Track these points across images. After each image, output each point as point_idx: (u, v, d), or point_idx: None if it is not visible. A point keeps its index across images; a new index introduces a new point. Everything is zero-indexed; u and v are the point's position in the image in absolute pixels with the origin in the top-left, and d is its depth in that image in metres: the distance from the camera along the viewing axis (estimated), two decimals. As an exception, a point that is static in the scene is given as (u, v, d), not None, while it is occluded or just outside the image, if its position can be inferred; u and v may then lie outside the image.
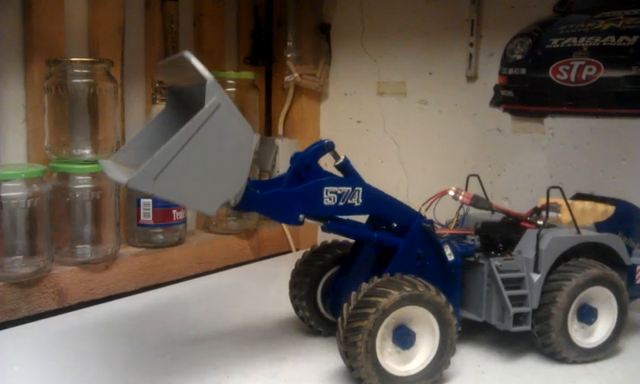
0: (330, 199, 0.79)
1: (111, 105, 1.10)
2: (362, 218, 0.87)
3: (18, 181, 0.96)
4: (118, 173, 0.71)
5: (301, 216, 0.78)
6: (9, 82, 1.08)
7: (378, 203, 0.83)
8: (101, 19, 1.16)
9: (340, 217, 0.83)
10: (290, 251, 1.46)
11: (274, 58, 1.50)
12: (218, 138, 0.65)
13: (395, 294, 0.73)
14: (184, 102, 0.76)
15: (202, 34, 1.36)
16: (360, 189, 0.80)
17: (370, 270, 0.84)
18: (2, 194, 0.95)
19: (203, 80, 0.64)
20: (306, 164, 0.81)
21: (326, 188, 0.78)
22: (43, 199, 0.99)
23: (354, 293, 0.75)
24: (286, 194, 0.77)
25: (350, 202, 0.80)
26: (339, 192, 0.79)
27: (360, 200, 0.80)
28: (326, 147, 0.82)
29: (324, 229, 0.81)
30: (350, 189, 0.80)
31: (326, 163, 0.83)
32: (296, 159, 0.81)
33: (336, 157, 0.83)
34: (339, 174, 0.83)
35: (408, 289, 0.74)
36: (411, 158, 1.36)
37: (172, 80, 0.79)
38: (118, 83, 1.12)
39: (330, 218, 0.81)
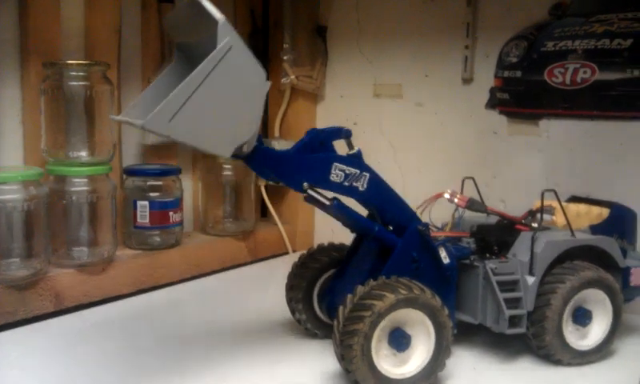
0: (337, 176, 0.79)
1: (108, 107, 1.10)
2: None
3: (14, 184, 0.96)
4: (131, 118, 0.70)
5: (305, 184, 0.78)
6: (5, 84, 1.08)
7: (381, 194, 0.83)
8: (97, 21, 1.16)
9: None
10: (286, 253, 1.46)
11: (270, 60, 1.50)
12: (231, 80, 0.65)
13: (391, 297, 0.74)
14: (192, 59, 0.75)
15: (199, 36, 1.36)
16: (367, 175, 0.81)
17: (366, 272, 0.84)
18: (-1, 197, 0.95)
19: (214, 22, 0.64)
20: (321, 140, 0.81)
21: (335, 163, 0.79)
22: (40, 202, 0.99)
23: (349, 296, 0.76)
24: (297, 158, 0.78)
25: (355, 184, 0.80)
26: (347, 171, 0.80)
27: (365, 186, 0.81)
28: (344, 133, 0.83)
29: (329, 208, 0.81)
30: (358, 171, 0.81)
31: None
32: (312, 133, 0.82)
33: (350, 146, 0.84)
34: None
35: (403, 292, 0.75)
36: (407, 159, 1.36)
37: (180, 35, 0.78)
38: (114, 85, 1.12)
39: (337, 199, 0.81)
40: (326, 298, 0.91)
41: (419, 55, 1.32)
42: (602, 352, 0.87)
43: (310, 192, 0.79)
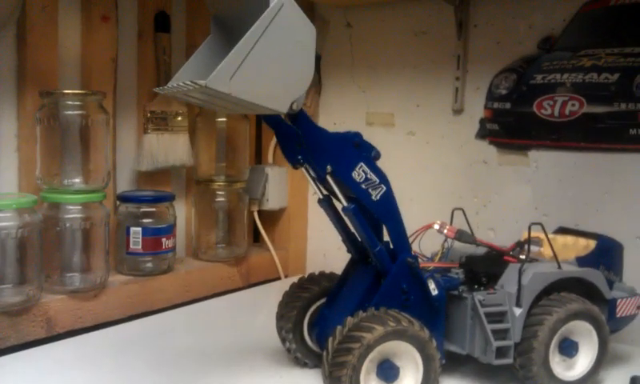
0: (359, 175, 0.82)
1: (103, 136, 1.11)
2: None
3: (9, 211, 0.97)
4: (187, 81, 0.72)
5: (329, 167, 0.80)
6: (2, 113, 1.09)
7: (389, 212, 0.86)
8: (94, 51, 1.17)
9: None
10: (279, 278, 1.47)
11: (264, 88, 1.52)
12: (284, 36, 0.68)
13: (379, 329, 0.75)
14: (230, 30, 0.77)
15: (194, 64, 1.38)
16: (384, 189, 0.84)
17: (356, 302, 0.85)
18: (-7, 224, 0.96)
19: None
20: (357, 141, 0.83)
21: (361, 163, 0.81)
22: (34, 229, 1.00)
23: (338, 327, 0.77)
24: (332, 140, 0.81)
25: (370, 191, 0.83)
26: (369, 176, 0.82)
27: (378, 197, 0.84)
28: (374, 154, 0.85)
29: (346, 209, 0.83)
30: (377, 181, 0.83)
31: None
32: (352, 133, 0.84)
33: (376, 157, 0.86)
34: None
35: (392, 324, 0.76)
36: (399, 187, 1.35)
37: (219, 6, 0.80)
38: (110, 114, 1.14)
39: (356, 201, 0.83)
40: (316, 328, 0.92)
41: (411, 86, 1.34)
42: (587, 382, 0.88)
43: (329, 179, 0.81)
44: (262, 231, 1.48)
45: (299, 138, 0.79)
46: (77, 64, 1.18)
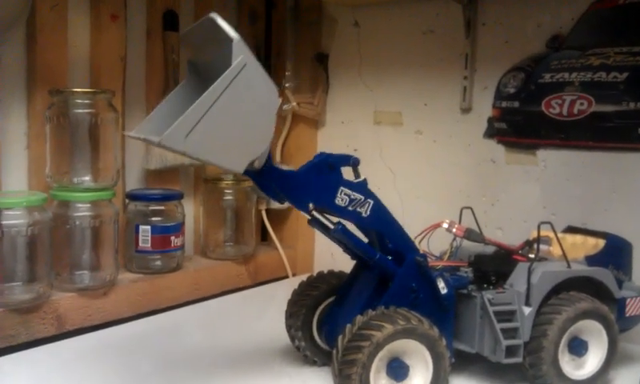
0: (342, 200, 0.81)
1: (112, 134, 1.12)
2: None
3: (19, 209, 0.98)
4: (147, 135, 0.72)
5: (311, 205, 0.80)
6: (12, 111, 1.10)
7: (383, 222, 0.85)
8: (103, 50, 1.18)
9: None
10: (286, 277, 1.47)
11: (272, 87, 1.52)
12: (245, 97, 0.67)
13: (389, 328, 0.75)
14: (204, 77, 0.78)
15: (202, 63, 1.39)
16: (371, 202, 0.83)
17: (365, 301, 0.86)
18: (3, 222, 0.96)
19: (229, 40, 0.66)
20: (330, 163, 0.82)
21: (341, 188, 0.81)
22: (44, 227, 1.01)
23: (348, 326, 0.77)
24: (305, 178, 0.80)
25: (358, 210, 0.82)
26: (352, 197, 0.81)
27: (368, 212, 0.83)
28: (353, 160, 0.84)
29: (333, 232, 0.82)
30: (362, 197, 0.82)
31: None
32: (321, 156, 0.83)
33: (357, 175, 0.85)
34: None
35: (402, 322, 0.76)
36: (407, 186, 1.38)
37: (193, 53, 0.80)
38: (119, 113, 1.14)
39: (342, 224, 0.82)
40: (325, 326, 0.92)
41: (419, 84, 1.34)
42: (597, 382, 0.88)
43: (315, 214, 0.81)
44: (270, 230, 1.49)
45: (274, 188, 0.79)
46: (86, 63, 1.18)
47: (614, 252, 0.96)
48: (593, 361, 0.88)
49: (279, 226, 1.52)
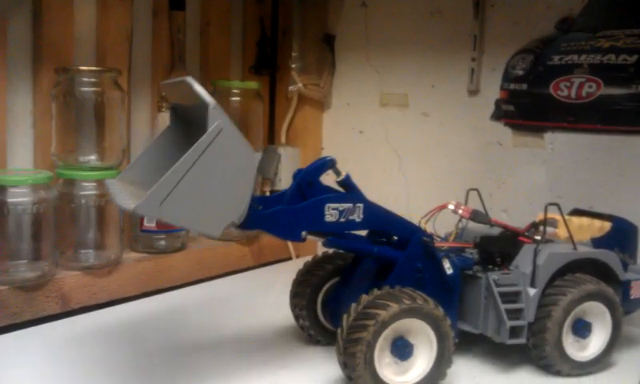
0: (332, 216, 0.80)
1: (118, 113, 1.12)
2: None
3: (24, 187, 0.98)
4: (123, 197, 0.72)
5: (303, 233, 0.79)
6: (18, 89, 1.10)
7: (379, 219, 0.84)
8: (109, 28, 1.17)
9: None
10: (290, 258, 1.47)
11: (278, 68, 1.51)
12: (221, 162, 0.66)
13: (394, 307, 0.75)
14: (187, 120, 0.78)
15: (209, 43, 1.38)
16: (361, 205, 0.82)
17: (370, 281, 0.85)
18: (9, 200, 0.96)
19: (205, 105, 0.66)
20: (308, 180, 0.82)
21: (327, 205, 0.80)
22: (49, 205, 1.01)
23: (353, 305, 0.77)
24: (288, 211, 0.79)
25: (351, 218, 0.81)
26: (341, 208, 0.80)
27: (361, 216, 0.82)
28: (328, 164, 0.84)
29: (325, 244, 0.83)
30: (351, 205, 0.81)
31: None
32: (298, 176, 0.83)
33: (338, 173, 0.85)
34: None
35: (407, 302, 0.76)
36: (412, 168, 1.37)
37: (174, 98, 0.80)
38: (125, 91, 1.14)
39: (331, 234, 0.82)
40: (329, 306, 0.92)
41: (426, 66, 1.34)
42: (601, 363, 0.88)
43: (309, 237, 0.80)
44: (275, 211, 1.48)
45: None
46: (92, 41, 1.18)
47: (620, 235, 0.96)
48: (596, 343, 0.88)
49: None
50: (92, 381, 0.81)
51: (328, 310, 0.92)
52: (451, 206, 0.94)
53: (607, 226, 0.96)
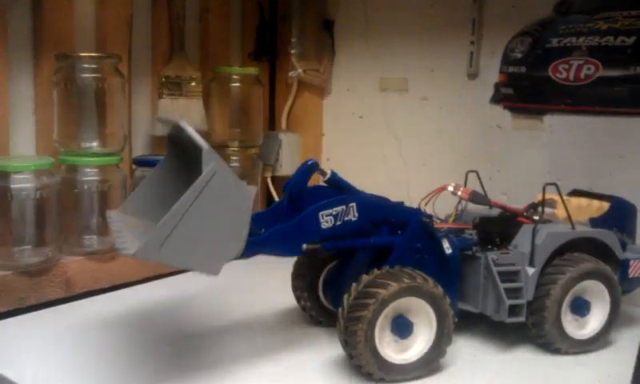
0: (328, 222, 0.80)
1: (119, 99, 1.12)
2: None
3: (27, 173, 0.98)
4: (124, 236, 0.74)
5: (304, 246, 0.80)
6: (19, 76, 1.10)
7: (374, 211, 0.84)
8: (109, 15, 1.18)
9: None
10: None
11: (278, 54, 1.52)
12: (216, 202, 0.67)
13: (394, 286, 0.76)
14: (182, 147, 0.79)
15: (208, 29, 1.38)
16: (354, 204, 0.82)
17: (371, 262, 0.86)
18: (12, 186, 0.97)
19: (199, 149, 0.67)
20: (298, 189, 0.84)
21: (321, 213, 0.80)
22: (52, 191, 1.02)
23: (354, 284, 0.78)
24: (284, 229, 0.79)
25: (346, 218, 0.82)
26: (334, 213, 0.81)
27: (356, 214, 0.82)
28: (312, 167, 0.85)
29: (322, 249, 0.83)
30: (344, 207, 0.81)
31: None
32: (287, 188, 0.84)
33: (323, 173, 0.85)
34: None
35: (407, 281, 0.77)
36: (412, 153, 1.38)
37: (170, 129, 0.82)
38: (125, 78, 1.14)
39: (332, 239, 0.82)
40: (331, 287, 0.93)
41: (425, 50, 1.34)
42: (599, 342, 0.89)
43: (309, 248, 0.81)
44: (276, 196, 1.49)
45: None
46: (92, 28, 1.18)
47: (619, 215, 0.97)
48: (595, 321, 0.89)
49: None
50: (96, 365, 0.82)
51: (329, 291, 0.93)
52: (450, 188, 0.95)
53: (606, 206, 0.97)
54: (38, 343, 0.88)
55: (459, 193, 0.95)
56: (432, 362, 0.79)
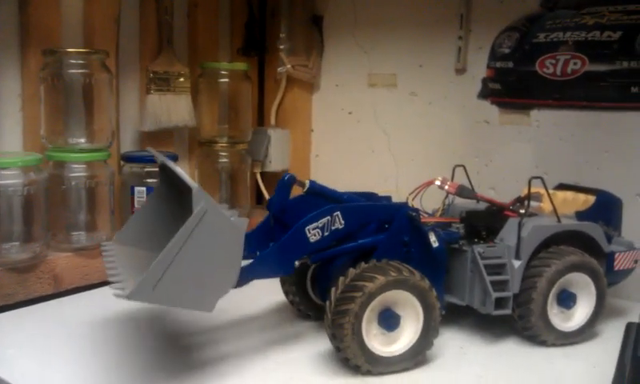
0: (315, 235, 0.81)
1: (106, 95, 1.12)
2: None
3: (14, 169, 0.98)
4: (117, 273, 0.76)
5: (296, 262, 0.81)
6: (6, 72, 1.10)
7: (360, 215, 0.85)
8: (96, 10, 1.17)
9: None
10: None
11: (266, 50, 1.52)
12: (208, 241, 0.68)
13: (381, 279, 0.76)
14: (173, 176, 0.80)
15: (196, 24, 1.38)
16: (338, 212, 0.82)
17: (358, 256, 0.86)
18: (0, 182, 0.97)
19: (188, 189, 0.68)
20: (280, 207, 0.85)
21: (307, 228, 0.80)
22: (39, 187, 1.01)
23: (341, 278, 0.78)
24: (273, 252, 0.80)
25: (333, 228, 0.82)
26: (320, 225, 0.81)
27: (342, 221, 0.83)
28: (290, 181, 0.86)
29: (311, 261, 0.84)
30: (328, 217, 0.82)
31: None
32: (271, 207, 0.86)
33: (302, 185, 0.86)
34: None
35: (393, 274, 0.77)
36: (401, 148, 1.38)
37: (163, 159, 0.84)
38: (113, 74, 1.14)
39: (322, 250, 0.83)
40: (318, 281, 0.93)
41: (414, 46, 1.34)
42: (585, 334, 0.90)
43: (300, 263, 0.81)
44: (265, 192, 1.49)
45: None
46: (79, 23, 1.18)
47: (604, 208, 0.98)
48: (581, 313, 0.89)
49: (274, 189, 1.52)
50: (84, 360, 0.82)
51: (317, 286, 0.93)
52: (438, 182, 0.95)
53: (591, 199, 0.98)
54: (25, 340, 0.88)
55: (446, 187, 0.95)
56: (419, 354, 0.79)
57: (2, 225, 0.99)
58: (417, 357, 0.79)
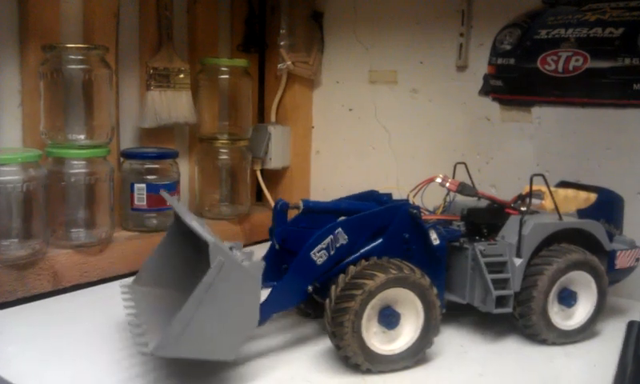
0: (322, 257, 0.80)
1: (106, 91, 1.11)
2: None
3: (14, 165, 0.98)
4: (140, 327, 0.77)
5: (309, 288, 0.81)
6: (5, 68, 1.09)
7: (362, 225, 0.84)
8: (96, 5, 1.16)
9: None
10: (281, 236, 1.48)
11: (267, 46, 1.51)
12: (226, 292, 0.69)
13: (381, 277, 0.76)
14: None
15: (196, 20, 1.37)
16: (339, 229, 0.82)
17: (358, 254, 0.86)
18: (-1, 178, 0.97)
19: (205, 243, 0.69)
20: (280, 235, 0.85)
21: (312, 253, 0.80)
22: (39, 183, 1.01)
23: (341, 275, 0.78)
24: (284, 283, 0.80)
25: (337, 245, 0.82)
26: (324, 245, 0.81)
27: (345, 236, 0.82)
28: (282, 210, 0.86)
29: (319, 282, 0.83)
30: (331, 236, 0.81)
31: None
32: (272, 236, 0.86)
33: (297, 207, 0.86)
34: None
35: (394, 271, 0.77)
36: (402, 145, 1.38)
37: (177, 209, 0.86)
38: (112, 69, 1.13)
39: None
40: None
41: (415, 42, 1.34)
42: (585, 332, 0.89)
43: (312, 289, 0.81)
44: (265, 190, 1.49)
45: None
46: (79, 19, 1.17)
47: (606, 206, 0.97)
48: (582, 311, 0.89)
49: (274, 186, 1.52)
50: (84, 357, 0.82)
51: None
52: (439, 179, 0.95)
53: (593, 197, 0.97)
54: (25, 336, 0.87)
55: (447, 184, 0.95)
56: (419, 352, 0.79)
57: (1, 221, 0.98)
58: (417, 355, 0.79)
